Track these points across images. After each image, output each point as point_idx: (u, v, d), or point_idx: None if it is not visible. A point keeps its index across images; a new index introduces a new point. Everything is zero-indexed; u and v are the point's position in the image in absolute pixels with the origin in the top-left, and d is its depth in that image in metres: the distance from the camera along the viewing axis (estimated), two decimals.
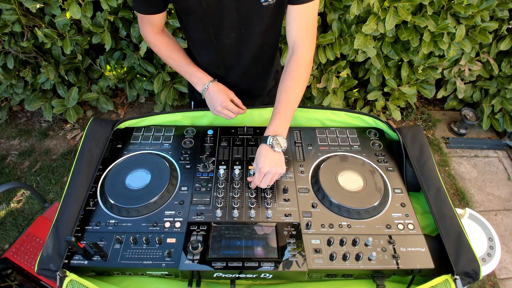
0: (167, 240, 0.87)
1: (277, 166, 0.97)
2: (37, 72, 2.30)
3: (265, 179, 0.96)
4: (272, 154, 0.97)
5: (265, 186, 0.97)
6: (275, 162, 0.96)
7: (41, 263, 0.81)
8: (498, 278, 2.03)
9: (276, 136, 0.98)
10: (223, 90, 1.13)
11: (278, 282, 0.92)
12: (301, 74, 1.04)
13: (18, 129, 2.72)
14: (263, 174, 0.96)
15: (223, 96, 1.11)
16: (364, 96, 2.51)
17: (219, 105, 1.10)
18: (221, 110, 1.10)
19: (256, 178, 0.98)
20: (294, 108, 1.04)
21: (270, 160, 0.96)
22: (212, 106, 1.13)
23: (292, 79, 1.03)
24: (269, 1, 0.98)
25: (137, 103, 2.93)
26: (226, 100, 1.10)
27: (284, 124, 1.01)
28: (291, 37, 1.06)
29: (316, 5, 1.01)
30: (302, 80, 1.05)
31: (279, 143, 0.98)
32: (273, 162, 0.96)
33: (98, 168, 1.01)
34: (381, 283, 0.84)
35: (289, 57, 1.07)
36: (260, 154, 0.98)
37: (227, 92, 1.14)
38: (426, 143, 1.07)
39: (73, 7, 1.85)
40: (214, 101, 1.11)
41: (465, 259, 0.82)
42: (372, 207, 0.94)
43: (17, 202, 2.28)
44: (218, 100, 1.10)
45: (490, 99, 2.57)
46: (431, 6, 1.92)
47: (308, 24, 1.03)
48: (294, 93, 1.03)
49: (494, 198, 2.40)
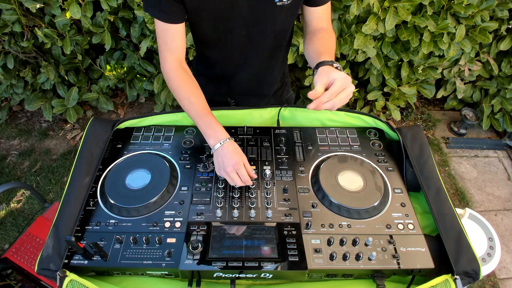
0: (167, 240, 0.87)
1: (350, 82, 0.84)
2: (37, 72, 2.30)
3: (345, 93, 0.82)
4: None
5: (340, 105, 0.82)
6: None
7: (41, 263, 0.81)
8: (498, 278, 2.03)
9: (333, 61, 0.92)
10: (239, 152, 0.98)
11: (278, 282, 0.92)
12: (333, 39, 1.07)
13: (18, 129, 2.72)
14: (345, 88, 0.82)
15: (238, 159, 0.96)
16: (364, 96, 2.51)
17: (231, 166, 0.95)
18: (230, 173, 0.95)
19: (333, 90, 0.82)
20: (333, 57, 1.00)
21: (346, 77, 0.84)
22: (222, 165, 0.97)
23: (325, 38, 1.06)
24: (284, 1, 0.99)
25: (137, 103, 2.93)
26: (240, 163, 0.95)
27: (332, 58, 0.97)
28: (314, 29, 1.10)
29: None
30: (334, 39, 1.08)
31: (339, 67, 0.90)
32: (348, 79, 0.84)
33: (98, 168, 1.01)
34: (381, 283, 0.84)
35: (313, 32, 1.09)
36: (330, 70, 0.86)
37: (242, 156, 0.98)
38: (426, 143, 1.07)
39: (73, 7, 1.85)
40: (227, 161, 0.96)
41: (465, 259, 0.82)
42: (372, 207, 0.94)
43: (17, 202, 2.28)
44: (232, 161, 0.95)
45: (490, 99, 2.57)
46: (431, 6, 1.92)
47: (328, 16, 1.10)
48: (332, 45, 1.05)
49: (494, 198, 2.40)
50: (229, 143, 0.99)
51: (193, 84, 1.06)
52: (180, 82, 1.05)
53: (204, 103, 1.05)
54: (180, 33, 1.03)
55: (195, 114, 1.03)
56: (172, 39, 1.03)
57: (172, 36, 1.02)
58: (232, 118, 1.21)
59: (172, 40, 1.03)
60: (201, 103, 1.04)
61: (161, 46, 1.05)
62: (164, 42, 1.04)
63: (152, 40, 2.05)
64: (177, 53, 1.05)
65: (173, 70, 1.05)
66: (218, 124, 1.02)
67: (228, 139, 0.99)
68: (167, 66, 1.05)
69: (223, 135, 1.00)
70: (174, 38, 1.03)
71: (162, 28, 1.01)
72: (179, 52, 1.06)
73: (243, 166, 0.96)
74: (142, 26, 2.05)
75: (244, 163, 0.97)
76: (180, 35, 1.03)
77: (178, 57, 1.05)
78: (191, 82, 1.06)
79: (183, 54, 1.07)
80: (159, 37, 1.04)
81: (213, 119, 1.02)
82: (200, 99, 1.05)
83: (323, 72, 0.86)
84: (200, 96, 1.06)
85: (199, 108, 1.03)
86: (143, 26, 2.04)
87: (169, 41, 1.03)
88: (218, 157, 0.99)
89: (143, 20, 2.00)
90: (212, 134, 1.00)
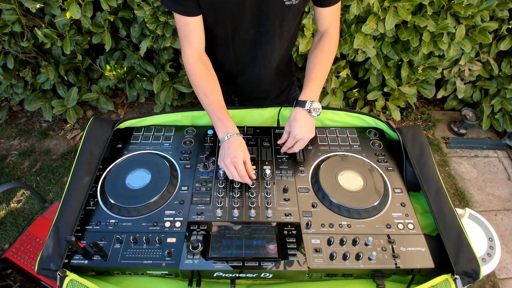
0: (167, 240, 0.87)
1: (310, 131, 1.03)
2: (37, 72, 2.30)
3: (299, 144, 1.03)
4: (308, 118, 1.04)
5: (297, 150, 1.05)
6: (309, 128, 1.03)
7: (41, 263, 0.81)
8: (498, 278, 2.03)
9: (313, 101, 1.04)
10: (242, 148, 1.00)
11: (278, 282, 0.92)
12: (333, 49, 1.14)
13: (18, 129, 2.72)
14: (297, 140, 1.03)
15: (239, 153, 0.98)
16: (364, 96, 2.51)
17: (229, 158, 0.97)
18: (228, 164, 0.97)
19: (289, 142, 1.04)
20: (325, 78, 1.11)
21: (306, 125, 1.03)
22: (222, 156, 1.00)
23: (324, 52, 1.12)
24: (292, 1, 1.00)
25: (137, 103, 2.93)
26: (239, 158, 0.97)
27: (318, 91, 1.08)
28: (322, 27, 1.14)
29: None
30: (332, 54, 1.13)
31: (316, 107, 1.04)
32: (308, 128, 1.03)
33: (98, 168, 1.01)
34: (381, 283, 0.84)
35: (319, 37, 1.15)
36: (296, 119, 1.03)
37: (245, 152, 1.00)
38: (426, 143, 1.07)
39: (73, 7, 1.85)
40: (227, 152, 0.99)
41: (465, 258, 0.82)
42: (372, 206, 0.94)
43: (17, 202, 2.28)
44: (232, 153, 0.97)
45: (490, 99, 2.56)
46: (431, 6, 1.92)
47: (337, 14, 1.13)
48: (326, 64, 1.11)
49: (494, 198, 2.40)
50: (236, 138, 1.02)
51: (210, 78, 1.09)
52: (198, 77, 1.08)
53: (219, 97, 1.09)
54: (198, 26, 1.05)
55: (209, 108, 1.07)
56: (190, 31, 1.05)
57: (190, 29, 1.04)
58: (233, 118, 1.19)
59: (190, 32, 1.05)
60: (216, 97, 1.08)
61: (181, 39, 1.08)
62: (183, 35, 1.06)
63: (152, 40, 2.05)
64: (196, 46, 1.07)
65: (192, 64, 1.08)
66: (229, 119, 1.06)
67: (236, 134, 1.03)
68: (186, 60, 1.08)
69: (232, 130, 1.03)
70: (192, 31, 1.05)
71: (180, 21, 1.03)
72: (198, 44, 1.08)
73: (241, 161, 0.97)
74: (142, 26, 2.05)
75: (245, 160, 0.99)
76: (198, 28, 1.05)
77: (197, 50, 1.08)
78: (208, 76, 1.09)
79: (203, 46, 1.10)
80: (179, 30, 1.06)
81: (225, 114, 1.06)
82: (216, 94, 1.08)
83: (290, 121, 1.06)
84: (216, 90, 1.09)
85: (213, 102, 1.07)
86: (143, 26, 2.04)
87: (188, 34, 1.05)
88: (222, 148, 1.02)
89: (143, 20, 2.00)
90: (222, 128, 1.04)
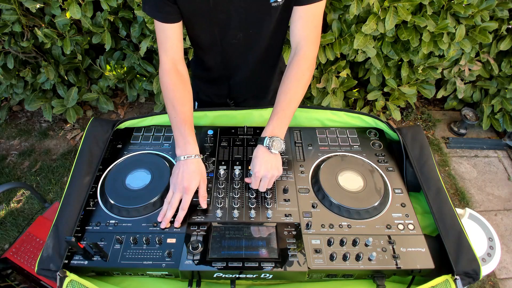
0: (167, 240, 0.87)
1: (272, 169, 0.94)
2: (37, 72, 2.30)
3: (262, 183, 0.95)
4: (269, 156, 0.95)
5: (263, 189, 0.96)
6: (271, 165, 0.94)
7: (41, 263, 0.81)
8: (498, 278, 2.03)
9: (274, 137, 0.96)
10: (199, 173, 0.95)
11: (278, 282, 0.92)
12: (303, 75, 1.01)
13: (18, 129, 2.72)
14: (259, 179, 0.95)
15: (192, 182, 0.92)
16: (364, 96, 2.51)
17: (181, 186, 0.91)
18: (177, 191, 0.92)
19: (253, 182, 0.96)
20: (294, 109, 1.01)
21: (266, 163, 0.94)
22: (176, 180, 0.93)
23: (293, 79, 1.00)
24: (278, 2, 0.97)
25: (137, 103, 2.93)
26: (191, 190, 0.92)
27: (283, 126, 0.99)
28: (294, 38, 1.03)
29: (322, 6, 0.99)
30: (304, 81, 1.01)
31: (276, 144, 0.95)
32: (269, 165, 0.94)
33: (98, 168, 1.01)
34: (381, 283, 0.84)
35: (292, 58, 1.03)
36: (256, 156, 0.96)
37: (202, 178, 0.96)
38: (426, 143, 1.07)
39: (73, 7, 1.85)
40: (181, 177, 0.93)
41: (465, 259, 0.82)
42: (372, 207, 0.94)
43: (17, 202, 2.28)
44: (186, 183, 0.92)
45: (490, 99, 2.57)
46: (431, 6, 1.92)
47: (312, 24, 1.01)
48: (295, 94, 1.00)
49: (494, 198, 2.40)
50: (193, 161, 0.95)
51: (182, 90, 1.03)
52: (169, 86, 1.02)
53: (188, 111, 1.01)
54: (175, 34, 1.01)
55: (174, 120, 1.00)
56: (166, 38, 1.01)
57: (166, 35, 1.01)
58: (233, 118, 1.21)
59: (166, 39, 1.01)
60: (184, 110, 1.00)
61: (158, 46, 1.04)
62: (160, 42, 1.03)
63: (152, 40, 2.05)
64: (171, 54, 1.03)
65: (165, 72, 1.03)
66: (192, 136, 0.99)
67: (194, 155, 0.96)
68: (160, 67, 1.04)
69: (191, 150, 0.97)
70: (168, 38, 1.01)
71: (158, 28, 1.01)
72: (174, 53, 1.03)
73: (191, 193, 0.92)
74: (142, 26, 2.05)
75: (199, 186, 0.95)
76: (175, 36, 1.01)
77: (173, 58, 1.03)
78: (180, 87, 1.03)
79: (179, 54, 1.05)
80: (157, 36, 1.03)
81: (189, 130, 0.99)
82: (184, 106, 1.01)
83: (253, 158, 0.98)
84: (186, 103, 1.02)
85: (179, 115, 0.99)
86: (143, 26, 2.04)
87: (163, 40, 1.02)
88: (177, 169, 0.96)
89: (143, 20, 2.00)
90: (182, 144, 0.98)
